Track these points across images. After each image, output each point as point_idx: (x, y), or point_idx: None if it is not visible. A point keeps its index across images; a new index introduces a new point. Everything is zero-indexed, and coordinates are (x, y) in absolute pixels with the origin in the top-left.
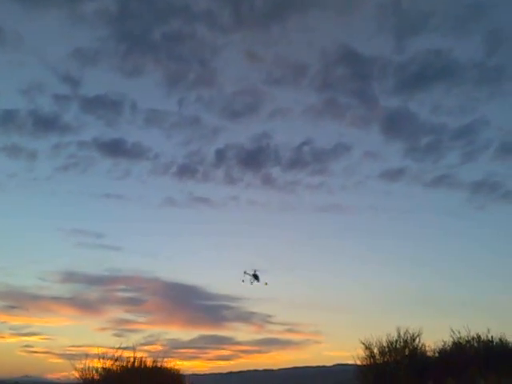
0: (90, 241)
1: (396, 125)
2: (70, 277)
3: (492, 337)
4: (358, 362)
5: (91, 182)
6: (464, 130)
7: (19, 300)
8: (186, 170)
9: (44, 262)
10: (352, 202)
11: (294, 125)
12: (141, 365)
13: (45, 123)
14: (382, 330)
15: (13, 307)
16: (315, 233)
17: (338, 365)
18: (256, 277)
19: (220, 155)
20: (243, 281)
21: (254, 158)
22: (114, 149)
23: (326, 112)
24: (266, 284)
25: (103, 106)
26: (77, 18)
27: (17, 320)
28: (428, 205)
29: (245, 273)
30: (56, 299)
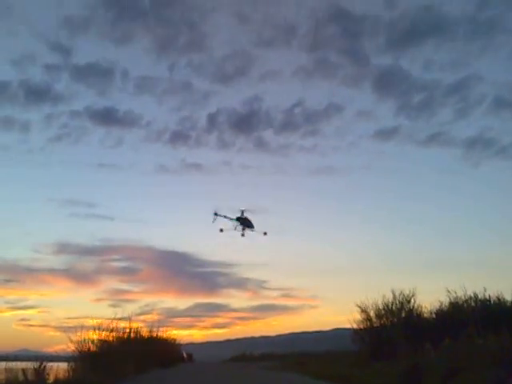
0: (82, 211)
1: (388, 83)
2: (63, 248)
3: (489, 296)
4: (355, 326)
5: (84, 151)
6: (457, 86)
7: (14, 273)
8: (178, 137)
9: (37, 234)
10: (345, 164)
11: (284, 86)
12: (137, 335)
13: (36, 94)
14: (379, 291)
15: (8, 281)
16: (309, 196)
17: (336, 329)
18: (216, 214)
19: (212, 120)
20: (213, 221)
21: (245, 122)
22: (106, 117)
23: (317, 72)
24: (265, 234)
25: (94, 74)
26: None
27: (12, 293)
28: (422, 163)
29: (215, 214)
30: (51, 271)
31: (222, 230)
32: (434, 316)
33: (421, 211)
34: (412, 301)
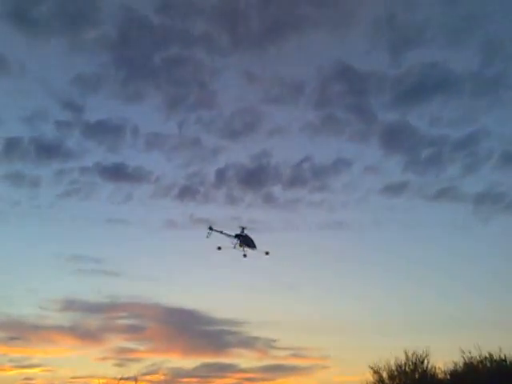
0: (89, 267)
1: (395, 138)
2: (69, 305)
3: (505, 356)
4: None
5: (93, 207)
6: (465, 141)
7: (19, 331)
8: (186, 192)
9: (43, 290)
10: (354, 219)
11: (292, 142)
12: None
13: (47, 150)
14: (392, 351)
15: (13, 338)
16: (318, 251)
17: None
18: (211, 229)
19: (220, 175)
20: (207, 236)
21: (254, 177)
22: (116, 173)
23: (325, 128)
24: (267, 254)
25: (105, 131)
26: (78, 46)
27: (17, 351)
28: (432, 218)
29: (210, 229)
30: (56, 328)
31: (219, 248)
32: (448, 377)
33: (432, 267)
34: (425, 361)
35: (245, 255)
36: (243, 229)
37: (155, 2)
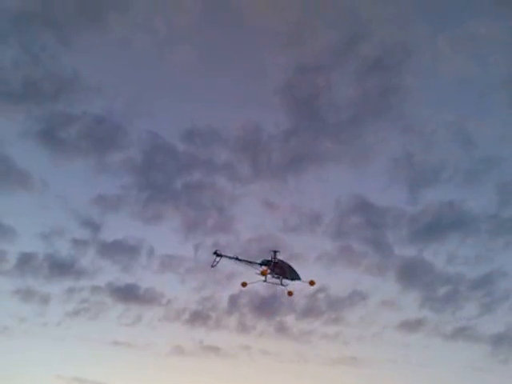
0: None
1: (412, 274)
2: None
3: None
4: None
5: (101, 328)
6: (481, 281)
7: None
8: (198, 317)
9: None
10: (369, 355)
11: (308, 271)
12: None
13: (61, 267)
14: None
15: None
16: None
17: None
18: (218, 255)
19: (233, 301)
20: (213, 266)
21: (267, 305)
22: (127, 294)
23: (341, 259)
24: (313, 283)
25: (120, 250)
26: (102, 167)
27: None
28: (449, 358)
29: (216, 254)
30: None
31: (244, 285)
32: None
33: None
34: None
35: (290, 293)
36: (275, 253)
37: (181, 130)
